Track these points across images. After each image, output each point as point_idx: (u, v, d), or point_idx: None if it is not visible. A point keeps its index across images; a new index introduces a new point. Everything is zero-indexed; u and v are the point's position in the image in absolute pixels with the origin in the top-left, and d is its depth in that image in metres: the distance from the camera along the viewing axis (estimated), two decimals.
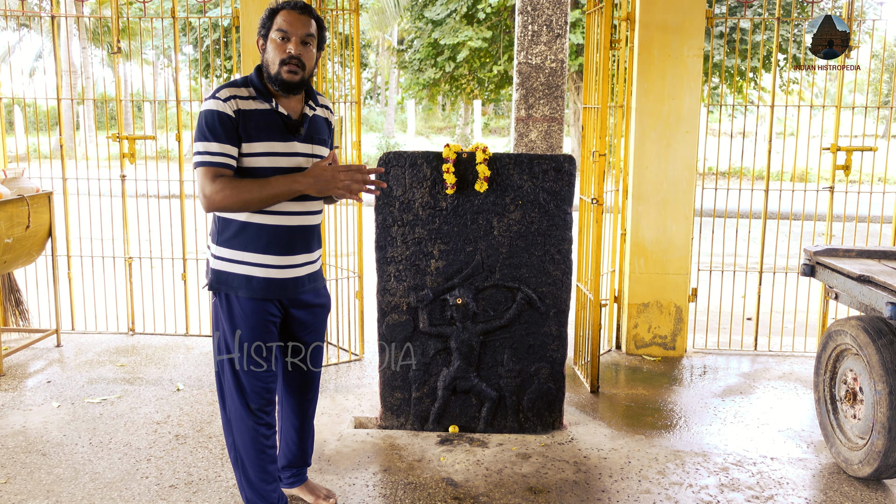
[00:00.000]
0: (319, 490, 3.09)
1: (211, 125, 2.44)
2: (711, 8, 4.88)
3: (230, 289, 2.56)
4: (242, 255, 2.54)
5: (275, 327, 2.65)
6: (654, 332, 5.04)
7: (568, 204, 3.69)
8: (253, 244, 2.53)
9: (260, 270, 2.54)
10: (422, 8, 17.82)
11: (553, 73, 6.26)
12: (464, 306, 3.66)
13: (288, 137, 2.53)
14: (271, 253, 2.54)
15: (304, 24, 2.49)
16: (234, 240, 2.54)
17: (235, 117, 2.45)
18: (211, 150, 2.43)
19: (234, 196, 2.40)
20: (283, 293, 2.60)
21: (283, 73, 2.47)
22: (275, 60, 2.48)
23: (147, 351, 5.01)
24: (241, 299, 2.56)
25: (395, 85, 33.17)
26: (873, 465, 3.13)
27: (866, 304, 3.24)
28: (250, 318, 2.56)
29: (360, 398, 4.22)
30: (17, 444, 3.58)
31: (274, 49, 2.48)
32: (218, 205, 2.42)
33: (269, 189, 2.41)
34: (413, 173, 3.63)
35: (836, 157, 4.97)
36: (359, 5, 4.73)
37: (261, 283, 2.55)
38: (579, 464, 3.45)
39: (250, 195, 2.40)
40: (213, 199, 2.41)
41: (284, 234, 2.55)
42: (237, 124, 2.45)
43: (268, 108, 2.52)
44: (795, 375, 4.72)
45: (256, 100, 2.51)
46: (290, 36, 2.47)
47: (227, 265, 2.56)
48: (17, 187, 4.71)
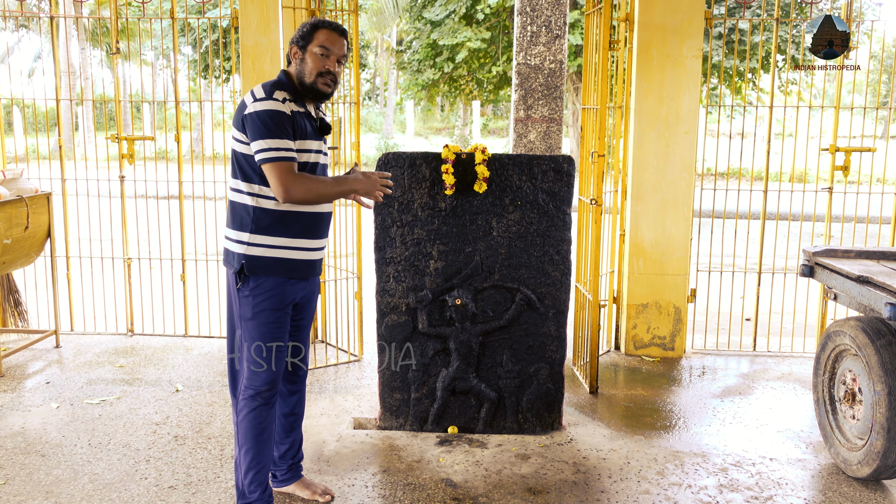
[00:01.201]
0: (316, 486, 3.11)
1: (278, 123, 2.65)
2: (710, 9, 4.89)
3: (267, 271, 2.76)
4: (279, 241, 2.76)
5: (289, 313, 2.86)
6: (653, 333, 5.05)
7: (567, 205, 3.70)
8: (288, 230, 2.77)
9: (294, 253, 2.79)
10: (421, 9, 17.82)
11: (552, 73, 6.26)
12: (463, 307, 3.66)
13: (316, 137, 2.82)
14: (305, 237, 2.81)
15: (341, 46, 2.79)
16: (269, 226, 2.75)
17: (291, 116, 2.69)
18: (282, 147, 2.64)
19: (314, 190, 2.68)
20: (310, 272, 2.87)
21: (318, 84, 2.76)
22: (313, 72, 2.75)
23: (146, 352, 5.01)
24: (271, 281, 2.77)
25: (394, 86, 33.17)
26: (872, 466, 3.13)
27: (865, 305, 3.24)
28: (278, 299, 2.78)
29: (360, 399, 4.22)
30: (15, 445, 3.57)
31: (314, 62, 2.74)
32: (298, 197, 2.66)
33: (338, 187, 2.75)
34: (412, 174, 3.63)
35: (834, 157, 4.97)
36: (358, 6, 4.74)
37: (294, 264, 2.79)
38: (578, 464, 3.45)
39: (326, 190, 2.72)
40: (294, 192, 2.64)
41: (314, 220, 2.82)
42: (293, 123, 2.70)
43: (305, 111, 2.79)
44: (794, 376, 4.73)
45: (296, 102, 2.76)
46: (331, 54, 2.75)
47: (263, 251, 2.75)
48: (16, 188, 4.71)
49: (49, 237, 5.00)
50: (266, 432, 2.84)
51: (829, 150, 5.00)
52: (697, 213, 5.52)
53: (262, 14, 4.84)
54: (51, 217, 4.97)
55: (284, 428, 3.08)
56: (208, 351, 5.03)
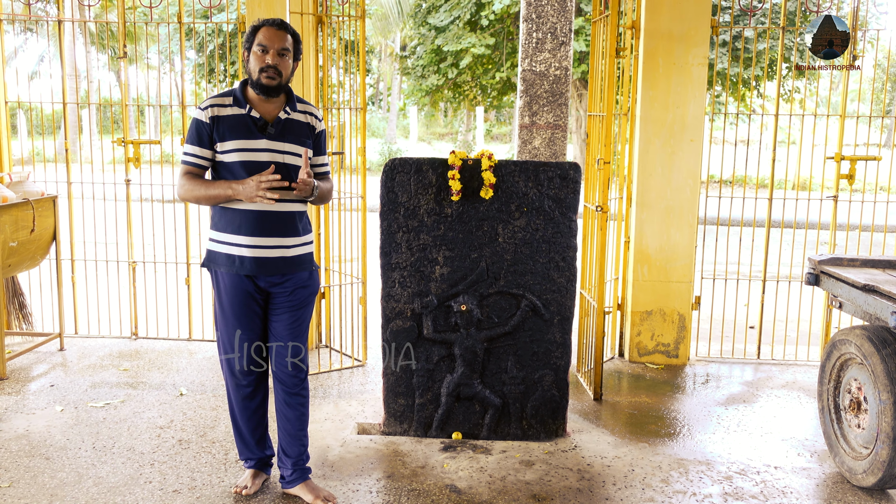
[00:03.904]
0: (319, 491, 3.12)
1: (190, 130, 2.97)
2: (716, 17, 4.90)
3: (216, 265, 3.00)
4: (222, 236, 2.97)
5: (256, 304, 3.03)
6: (658, 340, 5.04)
7: (573, 211, 3.70)
8: (230, 226, 2.95)
9: (235, 249, 2.95)
10: (425, 14, 17.86)
11: (557, 80, 6.27)
12: (468, 313, 3.66)
13: (256, 136, 2.94)
14: (243, 234, 2.93)
15: (280, 38, 2.92)
16: (219, 222, 2.99)
17: (210, 123, 2.92)
18: (187, 151, 2.96)
19: (186, 192, 2.93)
20: (256, 271, 2.95)
21: (262, 79, 2.91)
22: (255, 69, 2.92)
23: (150, 355, 5.02)
24: (224, 275, 2.99)
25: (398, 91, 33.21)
26: (877, 475, 3.12)
27: (871, 314, 3.24)
28: (230, 291, 2.99)
29: (364, 404, 4.22)
30: (20, 447, 3.58)
31: (255, 60, 2.93)
32: (180, 196, 2.98)
33: (211, 190, 2.90)
34: (418, 180, 3.64)
35: (839, 166, 4.97)
36: (364, 12, 4.75)
37: (236, 260, 2.95)
38: (583, 471, 3.45)
39: (197, 192, 2.91)
40: (178, 191, 2.98)
41: (254, 219, 2.93)
42: (211, 129, 2.92)
43: (241, 113, 2.95)
44: (799, 384, 4.72)
45: (233, 106, 2.96)
46: (269, 49, 2.91)
47: (213, 245, 3.01)
48: (22, 191, 4.72)
49: (54, 240, 5.01)
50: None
51: (834, 159, 5.00)
52: (702, 220, 5.52)
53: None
54: (56, 220, 4.98)
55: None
56: (212, 355, 5.03)
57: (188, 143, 2.95)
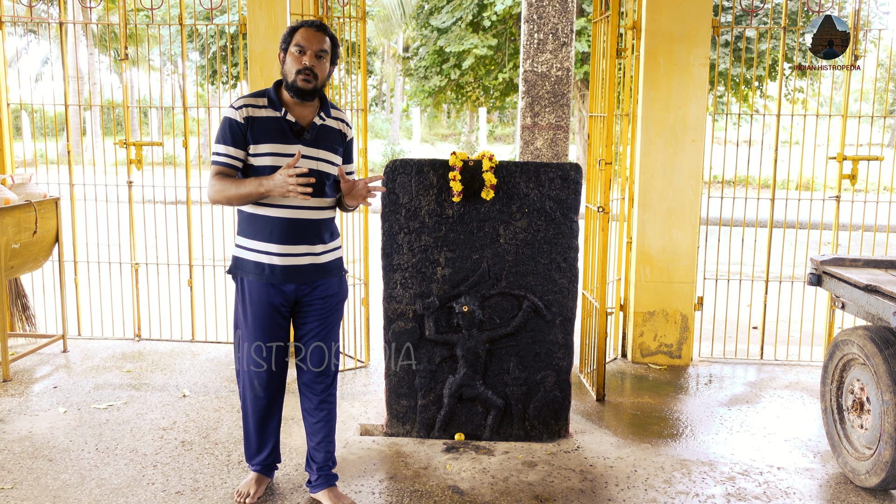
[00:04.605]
0: (342, 499, 3.10)
1: (222, 129, 2.85)
2: (717, 17, 4.89)
3: (244, 273, 2.91)
4: (251, 243, 2.89)
5: (281, 316, 2.95)
6: (660, 341, 5.04)
7: (574, 212, 3.70)
8: (259, 233, 2.87)
9: (265, 257, 2.87)
10: (427, 16, 17.88)
11: (559, 81, 6.28)
12: (470, 314, 3.66)
13: (292, 141, 2.86)
14: (274, 242, 2.86)
15: (318, 40, 2.84)
16: (246, 229, 2.90)
17: (244, 123, 2.82)
18: (218, 151, 2.84)
19: (217, 192, 2.80)
20: (286, 279, 2.89)
21: (298, 81, 2.82)
22: (291, 70, 2.83)
23: (153, 357, 5.02)
24: (251, 283, 2.91)
25: (401, 92, 33.24)
26: (880, 476, 3.11)
27: (873, 314, 3.23)
28: (256, 300, 2.91)
29: (366, 405, 4.22)
30: (23, 449, 3.58)
31: (292, 61, 2.84)
32: (210, 198, 2.83)
33: (242, 188, 2.77)
34: (419, 181, 3.64)
35: (842, 166, 4.96)
36: (365, 13, 4.75)
37: (265, 268, 2.87)
38: (585, 472, 3.45)
39: (228, 192, 2.78)
40: (208, 193, 2.84)
41: (284, 226, 2.86)
42: (245, 129, 2.82)
43: (277, 116, 2.86)
44: (802, 385, 4.71)
45: (268, 108, 2.86)
46: (307, 50, 2.82)
47: (241, 252, 2.92)
48: (25, 193, 4.73)
49: (57, 242, 5.02)
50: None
51: (836, 159, 4.99)
52: (704, 220, 5.51)
53: (271, 20, 4.86)
54: (59, 222, 4.99)
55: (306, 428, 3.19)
56: (215, 356, 5.04)
57: (219, 142, 2.83)
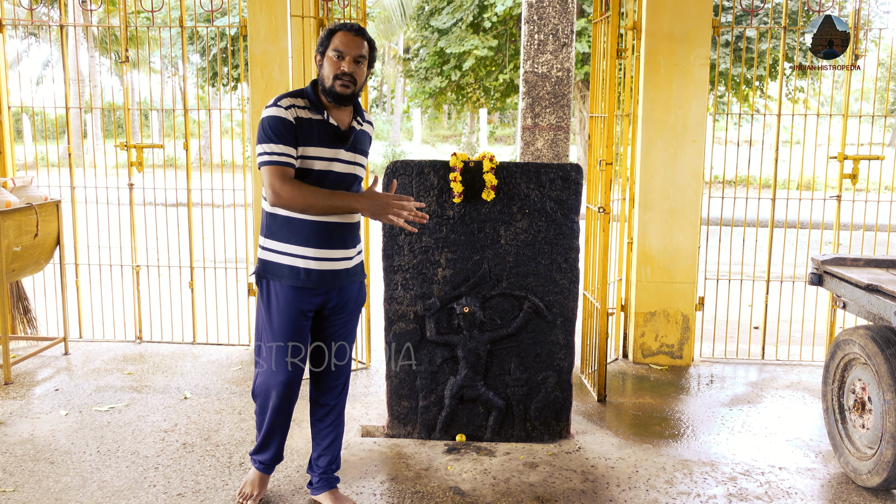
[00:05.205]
0: (343, 501, 3.10)
1: (275, 128, 2.70)
2: (718, 17, 4.89)
3: (274, 277, 2.84)
4: (286, 247, 2.81)
5: (306, 318, 2.89)
6: (661, 341, 5.03)
7: (575, 213, 3.70)
8: (295, 237, 2.80)
9: (301, 262, 2.81)
10: (428, 17, 17.87)
11: (559, 81, 6.28)
12: (471, 315, 3.66)
13: (336, 145, 2.82)
14: (311, 246, 2.80)
15: (357, 45, 2.78)
16: (279, 232, 2.82)
17: (295, 123, 2.73)
18: (277, 151, 2.69)
19: (302, 198, 2.66)
20: (321, 284, 2.85)
21: (336, 87, 2.77)
22: (330, 75, 2.77)
23: (154, 359, 5.03)
24: (281, 287, 2.83)
25: (401, 93, 33.25)
26: (882, 476, 3.11)
27: (874, 314, 3.23)
28: (284, 304, 2.84)
29: (368, 406, 4.22)
30: (25, 452, 3.58)
31: (330, 65, 2.78)
32: (286, 202, 2.67)
33: (333, 200, 2.69)
34: (420, 182, 3.64)
35: (843, 165, 4.96)
36: (366, 14, 4.76)
37: (301, 273, 2.81)
38: (587, 473, 3.44)
39: (315, 201, 2.67)
40: (282, 196, 2.67)
41: (323, 230, 2.81)
42: (296, 130, 2.73)
43: (320, 119, 2.80)
44: (803, 385, 4.71)
45: (310, 110, 2.80)
46: (345, 55, 2.77)
47: (273, 255, 2.84)
48: (26, 195, 4.74)
49: (58, 244, 5.02)
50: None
51: (837, 158, 4.99)
52: (705, 221, 5.51)
53: (271, 22, 4.86)
54: (60, 224, 4.99)
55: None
56: (216, 358, 5.04)
57: (273, 141, 2.68)
